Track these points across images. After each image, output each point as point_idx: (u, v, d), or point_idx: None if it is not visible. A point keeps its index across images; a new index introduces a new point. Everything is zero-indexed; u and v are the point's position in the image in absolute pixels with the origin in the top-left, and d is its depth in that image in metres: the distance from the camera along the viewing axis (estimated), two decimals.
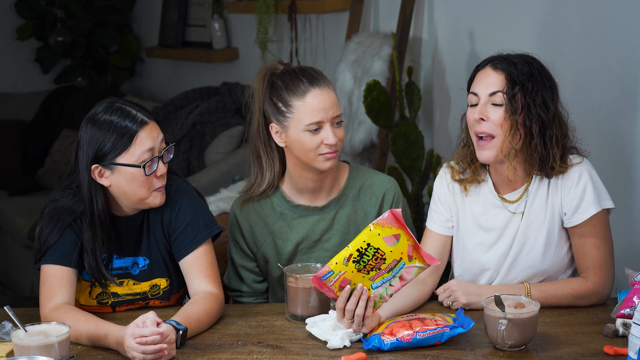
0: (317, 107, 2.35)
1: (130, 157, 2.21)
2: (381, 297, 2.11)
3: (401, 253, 2.07)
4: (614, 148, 2.82)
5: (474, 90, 2.27)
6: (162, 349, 2.01)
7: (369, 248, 2.05)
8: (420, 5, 3.76)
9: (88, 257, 2.26)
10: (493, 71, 2.24)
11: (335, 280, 2.08)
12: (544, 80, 2.25)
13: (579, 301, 2.29)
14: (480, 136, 2.26)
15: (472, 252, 2.37)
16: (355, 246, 2.06)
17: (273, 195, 2.51)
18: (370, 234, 2.05)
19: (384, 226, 2.05)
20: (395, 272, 2.08)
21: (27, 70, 6.09)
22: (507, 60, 2.24)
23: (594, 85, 2.89)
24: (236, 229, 2.54)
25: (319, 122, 2.35)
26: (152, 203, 2.28)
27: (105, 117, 2.21)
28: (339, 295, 2.10)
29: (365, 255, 2.06)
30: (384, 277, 2.09)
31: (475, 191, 2.37)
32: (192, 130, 4.61)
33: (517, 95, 2.21)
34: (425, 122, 3.83)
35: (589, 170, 2.29)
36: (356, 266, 2.07)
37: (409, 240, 2.07)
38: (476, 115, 2.24)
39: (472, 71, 2.32)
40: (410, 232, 2.07)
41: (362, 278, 2.09)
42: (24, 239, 4.76)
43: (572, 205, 2.28)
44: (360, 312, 2.09)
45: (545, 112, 2.23)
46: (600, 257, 2.28)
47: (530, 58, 2.28)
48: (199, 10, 5.34)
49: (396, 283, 2.10)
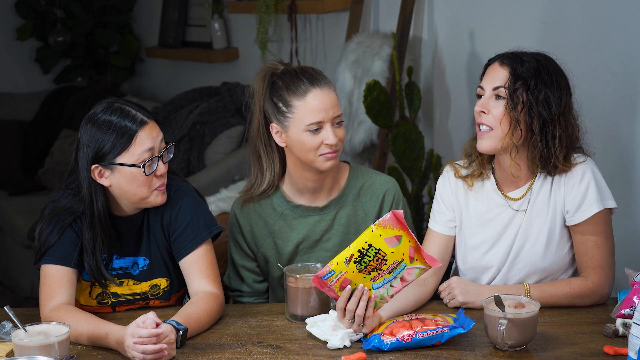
0: (317, 107, 2.35)
1: (130, 157, 2.21)
2: (382, 297, 2.11)
3: (402, 254, 2.06)
4: (615, 148, 2.82)
5: (481, 84, 2.30)
6: (162, 349, 2.01)
7: (371, 249, 2.05)
8: (420, 5, 3.76)
9: (88, 257, 2.26)
10: (500, 66, 2.27)
11: (336, 280, 2.08)
12: (552, 79, 2.25)
13: (579, 301, 2.29)
14: (480, 127, 2.29)
15: (475, 251, 2.38)
16: (356, 246, 2.06)
17: (273, 196, 2.51)
18: (372, 234, 2.05)
19: (385, 227, 2.05)
20: (396, 273, 2.08)
21: (27, 70, 6.09)
22: (515, 57, 2.27)
23: (594, 85, 2.88)
24: (236, 229, 2.54)
25: (319, 122, 2.35)
26: (154, 202, 2.28)
27: (104, 117, 2.21)
28: (339, 295, 2.10)
29: (366, 256, 2.06)
30: (385, 278, 2.09)
31: (479, 189, 2.37)
32: (192, 130, 4.61)
33: (518, 90, 2.23)
34: (425, 122, 3.83)
35: (593, 169, 2.29)
36: (357, 267, 2.07)
37: (410, 241, 2.06)
38: (477, 107, 2.28)
39: (484, 64, 2.35)
40: (411, 234, 2.07)
41: (363, 278, 2.08)
42: (24, 239, 4.76)
43: (574, 203, 2.28)
44: (361, 313, 2.09)
45: (547, 110, 2.23)
46: (601, 256, 2.29)
47: (541, 56, 2.29)
48: (199, 10, 5.34)
49: (397, 284, 2.10)
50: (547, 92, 2.24)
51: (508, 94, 2.23)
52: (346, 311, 2.10)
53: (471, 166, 2.40)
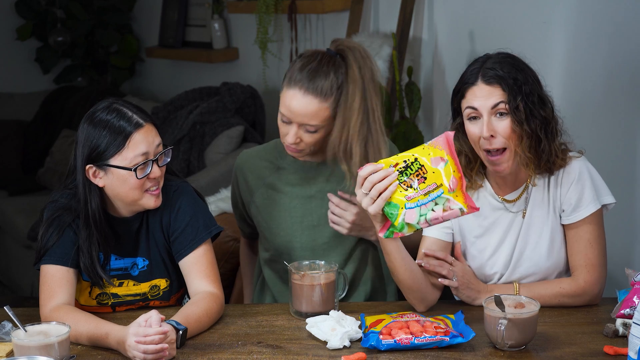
0: (287, 105, 2.37)
1: (123, 159, 2.20)
2: (418, 222, 2.08)
3: (443, 179, 2.06)
4: (615, 147, 2.82)
5: (470, 104, 2.22)
6: (163, 349, 2.00)
7: (415, 162, 2.07)
8: (420, 5, 3.76)
9: (83, 257, 2.26)
10: (487, 86, 2.20)
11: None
12: (529, 76, 2.22)
13: (569, 301, 2.28)
14: (488, 150, 2.23)
15: (476, 259, 2.36)
16: (403, 157, 2.08)
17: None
18: (422, 151, 2.08)
19: (435, 147, 2.07)
20: (432, 198, 2.07)
21: (27, 70, 6.09)
22: (494, 70, 2.20)
23: (594, 85, 2.89)
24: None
25: (285, 115, 2.37)
26: (146, 205, 2.28)
27: (102, 116, 2.22)
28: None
29: (409, 168, 2.07)
30: (419, 200, 2.07)
31: (476, 197, 2.35)
32: (192, 130, 4.61)
33: (519, 105, 2.18)
34: (425, 122, 3.83)
35: (588, 167, 2.29)
36: (398, 176, 2.07)
37: (454, 171, 2.07)
38: (485, 133, 2.19)
39: (458, 85, 2.27)
40: (459, 165, 2.08)
41: (399, 193, 2.08)
42: (24, 239, 4.76)
43: (571, 202, 2.28)
44: (382, 187, 2.07)
45: (544, 108, 2.22)
46: (594, 255, 2.28)
47: (509, 57, 2.24)
48: (199, 10, 5.34)
49: (438, 211, 2.07)
50: (536, 89, 2.21)
51: (510, 110, 2.18)
52: (367, 181, 2.09)
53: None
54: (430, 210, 2.07)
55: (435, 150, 2.06)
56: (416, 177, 2.06)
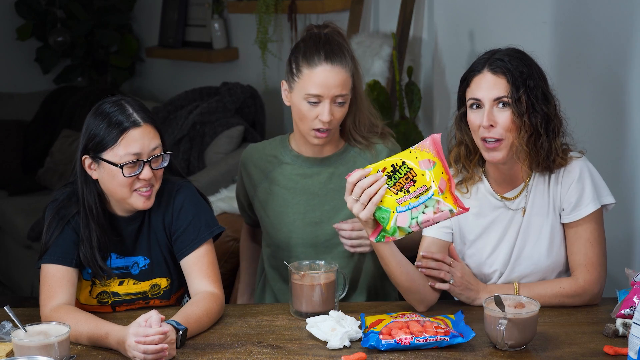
0: (321, 82, 2.40)
1: (114, 155, 2.20)
2: (410, 225, 2.09)
3: (432, 181, 2.07)
4: (615, 148, 2.82)
5: (474, 95, 2.24)
6: (163, 349, 2.00)
7: (404, 166, 2.08)
8: (420, 5, 3.76)
9: (83, 247, 2.26)
10: (493, 75, 2.22)
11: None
12: (535, 72, 2.24)
13: (569, 300, 2.28)
14: (486, 139, 2.24)
15: (477, 256, 2.36)
16: (390, 161, 2.09)
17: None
18: (408, 155, 2.09)
19: (422, 150, 2.08)
20: (422, 200, 2.07)
21: (27, 70, 6.09)
22: (502, 62, 2.22)
23: (594, 85, 2.89)
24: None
25: (318, 95, 2.40)
26: (135, 205, 2.27)
27: (105, 108, 2.24)
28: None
29: (398, 172, 2.08)
30: (410, 203, 2.08)
31: (474, 195, 2.35)
32: (192, 130, 4.61)
33: (522, 97, 2.20)
34: (425, 122, 3.83)
35: (589, 167, 2.29)
36: (387, 181, 2.08)
37: (443, 173, 2.07)
38: (485, 122, 2.21)
39: (465, 74, 2.29)
40: (447, 166, 2.09)
41: (389, 197, 2.09)
42: (24, 239, 4.76)
43: (571, 202, 2.28)
44: (372, 191, 2.08)
45: (546, 104, 2.23)
46: (594, 254, 2.28)
47: (518, 52, 2.26)
48: (199, 10, 5.34)
49: (429, 213, 2.08)
50: (541, 86, 2.23)
51: (512, 102, 2.19)
52: (357, 186, 2.10)
53: (462, 172, 2.38)
54: (421, 213, 2.09)
55: (422, 153, 2.08)
56: (405, 180, 2.07)
